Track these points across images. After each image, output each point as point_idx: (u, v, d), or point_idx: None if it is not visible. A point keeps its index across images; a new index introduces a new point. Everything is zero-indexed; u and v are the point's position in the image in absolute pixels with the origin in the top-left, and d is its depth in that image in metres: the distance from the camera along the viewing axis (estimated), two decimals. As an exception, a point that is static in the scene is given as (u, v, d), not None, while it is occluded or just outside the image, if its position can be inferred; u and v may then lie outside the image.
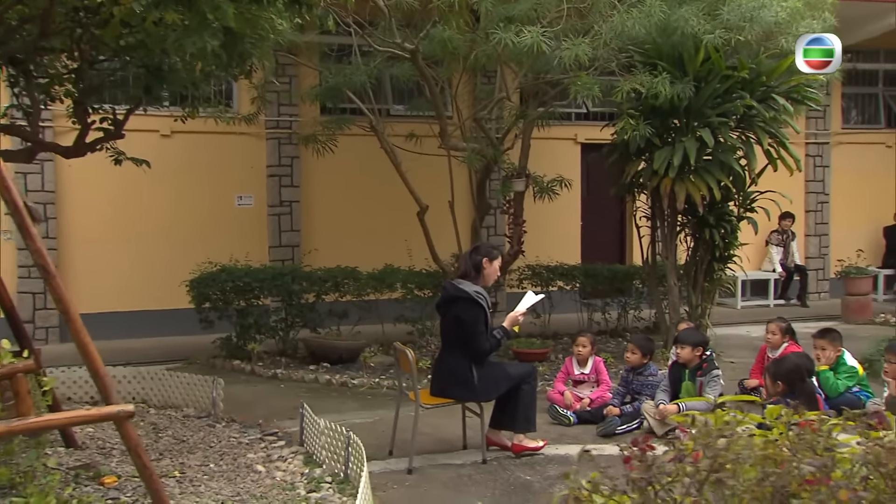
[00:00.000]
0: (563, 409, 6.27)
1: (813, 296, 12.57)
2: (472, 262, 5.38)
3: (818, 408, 4.86)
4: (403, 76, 8.01)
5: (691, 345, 5.97)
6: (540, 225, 10.74)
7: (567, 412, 6.23)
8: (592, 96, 6.93)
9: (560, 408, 6.28)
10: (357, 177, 10.27)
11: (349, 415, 6.57)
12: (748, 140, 7.81)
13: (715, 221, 7.99)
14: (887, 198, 12.64)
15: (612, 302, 9.71)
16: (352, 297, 8.82)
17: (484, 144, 8.25)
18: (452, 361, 5.26)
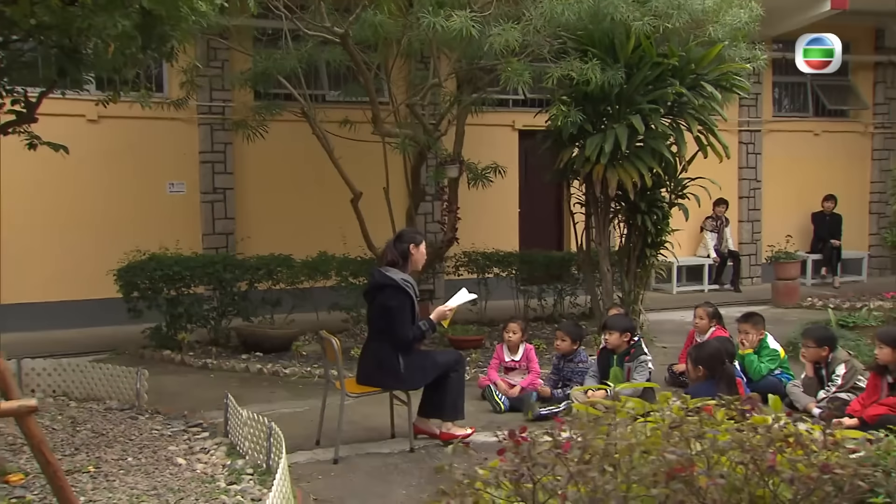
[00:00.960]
0: (499, 393, 6.27)
1: (746, 281, 12.84)
2: (399, 251, 5.33)
3: (738, 391, 4.96)
4: (335, 61, 7.88)
5: (619, 331, 6.02)
6: (478, 212, 10.75)
7: (502, 397, 6.23)
8: (527, 83, 6.92)
9: (497, 391, 6.27)
10: (292, 163, 10.12)
11: (279, 404, 6.49)
12: (678, 127, 7.90)
13: (647, 208, 8.08)
14: (816, 185, 12.96)
15: (549, 288, 9.77)
16: (285, 285, 8.71)
17: (418, 131, 8.19)
18: (379, 350, 5.22)
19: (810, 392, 6.10)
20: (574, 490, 1.67)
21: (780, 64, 13.00)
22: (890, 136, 13.54)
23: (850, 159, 13.44)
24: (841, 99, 13.47)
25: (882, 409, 5.27)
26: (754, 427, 1.83)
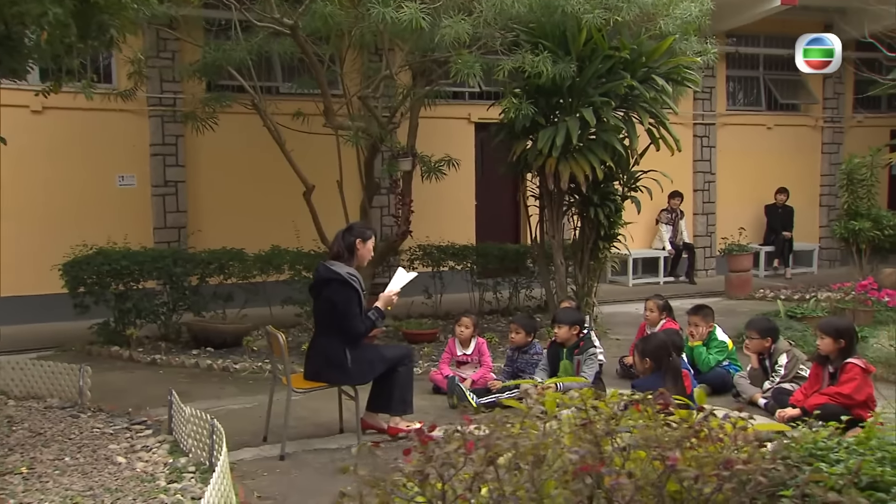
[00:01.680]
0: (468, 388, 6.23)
1: (701, 273, 12.99)
2: (346, 243, 5.29)
3: (684, 384, 4.99)
4: (287, 53, 7.78)
5: (568, 324, 6.04)
6: (434, 205, 10.72)
7: (469, 392, 6.18)
8: (478, 75, 6.89)
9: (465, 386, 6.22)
10: (245, 156, 9.98)
11: (228, 400, 6.41)
12: (630, 120, 7.94)
13: (599, 200, 8.11)
14: (769, 177, 13.14)
15: (504, 281, 9.78)
16: (237, 280, 8.60)
17: (371, 123, 8.12)
18: (326, 344, 5.17)
19: (756, 383, 6.18)
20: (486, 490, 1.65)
21: (733, 58, 13.17)
22: (839, 131, 13.78)
23: (801, 153, 13.66)
24: (792, 93, 13.67)
25: (823, 398, 5.35)
26: (669, 423, 1.83)
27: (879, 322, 8.60)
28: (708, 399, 6.25)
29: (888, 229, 11.12)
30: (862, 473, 1.76)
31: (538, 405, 2.10)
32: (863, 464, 1.78)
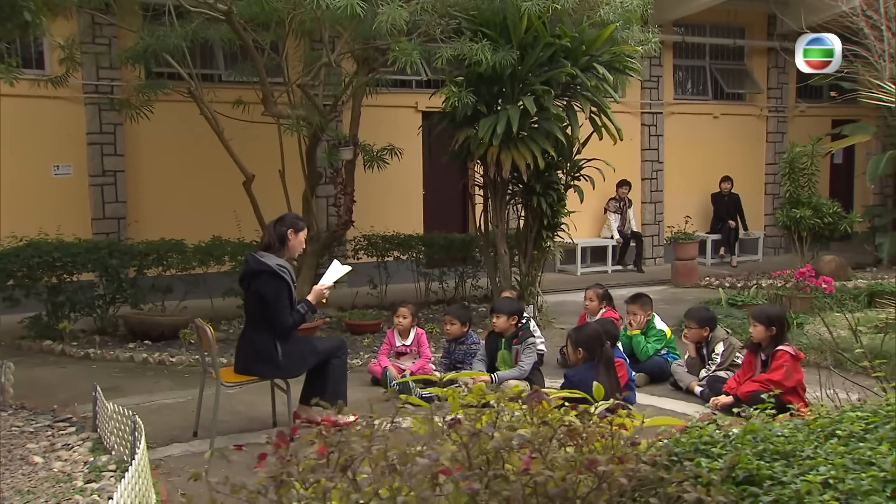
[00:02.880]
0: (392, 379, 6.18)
1: (649, 261, 13.09)
2: (277, 234, 5.19)
3: (616, 374, 5.00)
4: (224, 40, 7.60)
5: (506, 314, 6.01)
6: (381, 194, 10.64)
7: (393, 383, 6.14)
8: (421, 63, 6.82)
9: (391, 377, 6.18)
10: (187, 145, 9.77)
11: (161, 395, 6.28)
12: (572, 108, 7.93)
13: (542, 190, 8.09)
14: (716, 166, 13.28)
15: (450, 271, 9.74)
16: (177, 271, 8.43)
17: (312, 112, 8.00)
18: (256, 337, 5.08)
19: (693, 371, 6.23)
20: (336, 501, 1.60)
21: (680, 47, 13.25)
22: (782, 120, 13.98)
23: (747, 141, 13.83)
24: (738, 83, 13.83)
25: (755, 385, 5.41)
26: (544, 422, 1.79)
27: (817, 308, 8.74)
28: (646, 388, 6.35)
29: (828, 217, 11.32)
30: (738, 468, 1.74)
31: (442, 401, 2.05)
32: (739, 458, 1.76)
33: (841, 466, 1.71)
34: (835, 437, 1.95)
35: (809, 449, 1.85)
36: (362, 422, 2.05)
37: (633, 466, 1.51)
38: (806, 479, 1.63)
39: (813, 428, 2.04)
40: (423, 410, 2.22)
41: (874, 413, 2.10)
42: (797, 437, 1.92)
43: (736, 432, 1.98)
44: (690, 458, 1.82)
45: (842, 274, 10.88)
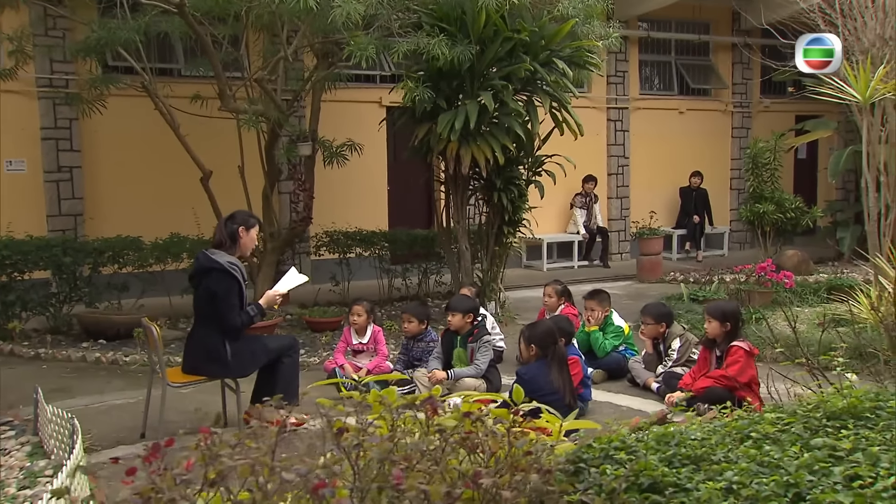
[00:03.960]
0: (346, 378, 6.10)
1: (615, 256, 13.11)
2: (228, 231, 5.09)
3: (569, 372, 4.96)
4: (176, 33, 7.45)
5: (461, 312, 5.96)
6: (345, 190, 10.55)
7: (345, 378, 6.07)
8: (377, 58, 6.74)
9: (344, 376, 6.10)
10: (146, 140, 9.58)
11: (112, 395, 6.16)
12: (532, 103, 7.88)
13: (503, 185, 8.05)
14: (682, 161, 13.31)
15: (413, 268, 9.67)
16: (133, 269, 8.29)
17: (269, 107, 7.89)
18: (205, 336, 4.99)
19: (651, 367, 6.22)
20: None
21: (645, 42, 13.26)
22: (747, 115, 14.05)
23: (712, 137, 13.88)
24: (703, 78, 13.88)
25: (708, 381, 5.40)
26: (441, 430, 1.73)
27: (778, 303, 8.79)
28: (604, 384, 6.33)
29: (790, 212, 11.39)
30: (643, 474, 1.69)
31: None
32: (644, 464, 1.71)
33: (747, 471, 1.68)
34: (749, 440, 1.92)
35: (721, 453, 1.81)
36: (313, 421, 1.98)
37: (521, 478, 1.45)
38: (706, 485, 1.59)
39: (728, 430, 2.00)
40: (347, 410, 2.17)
41: (792, 413, 2.07)
42: (710, 441, 1.88)
43: (651, 437, 1.94)
44: (597, 465, 1.77)
45: (803, 268, 10.96)
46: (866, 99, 5.61)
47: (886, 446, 1.83)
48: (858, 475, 1.66)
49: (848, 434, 1.94)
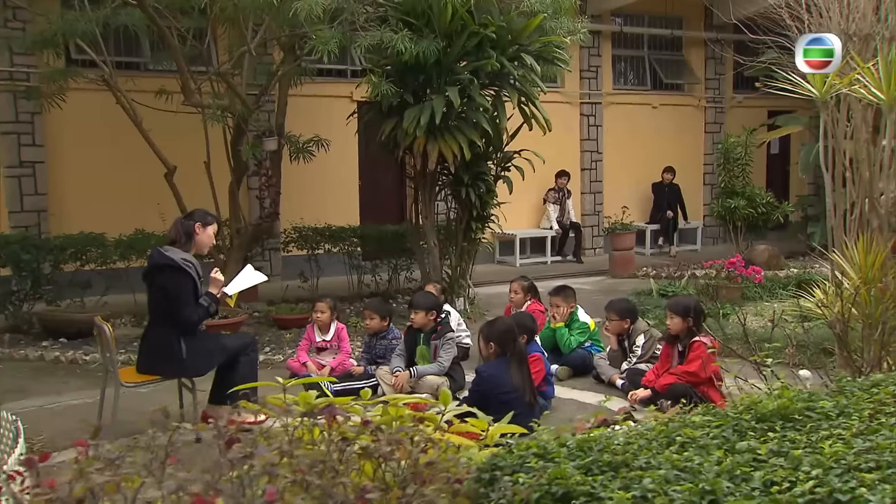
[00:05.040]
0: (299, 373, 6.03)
1: (589, 251, 13.09)
2: (184, 228, 5.01)
3: (529, 369, 4.92)
4: (137, 25, 7.31)
5: (424, 309, 5.90)
6: (315, 186, 10.45)
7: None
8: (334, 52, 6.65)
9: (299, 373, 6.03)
10: (111, 135, 9.38)
11: (69, 395, 6.04)
12: (500, 98, 7.83)
13: (471, 181, 8.00)
14: (655, 156, 13.30)
15: (383, 264, 9.59)
16: (96, 266, 8.16)
17: (235, 101, 7.78)
18: (160, 335, 4.90)
19: (615, 364, 6.19)
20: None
21: (618, 37, 13.24)
22: (720, 110, 14.07)
23: (686, 132, 13.89)
24: (676, 73, 13.88)
25: (671, 377, 5.38)
26: (344, 439, 1.67)
27: (747, 298, 8.81)
28: (569, 381, 6.30)
29: (761, 207, 11.43)
30: (556, 483, 1.64)
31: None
32: (557, 472, 1.65)
33: (664, 478, 1.62)
34: (675, 444, 1.87)
35: (644, 458, 1.76)
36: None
37: (413, 491, 1.39)
38: (618, 494, 1.54)
39: (655, 434, 1.95)
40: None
41: (723, 416, 2.02)
42: (633, 446, 1.83)
43: (575, 442, 1.88)
44: (511, 473, 1.71)
45: (774, 263, 11.00)
46: (823, 94, 5.60)
47: (811, 448, 1.79)
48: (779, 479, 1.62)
49: (775, 437, 1.90)
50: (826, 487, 1.56)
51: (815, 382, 3.82)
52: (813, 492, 1.55)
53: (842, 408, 2.11)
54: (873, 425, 1.96)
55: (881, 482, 1.59)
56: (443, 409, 2.07)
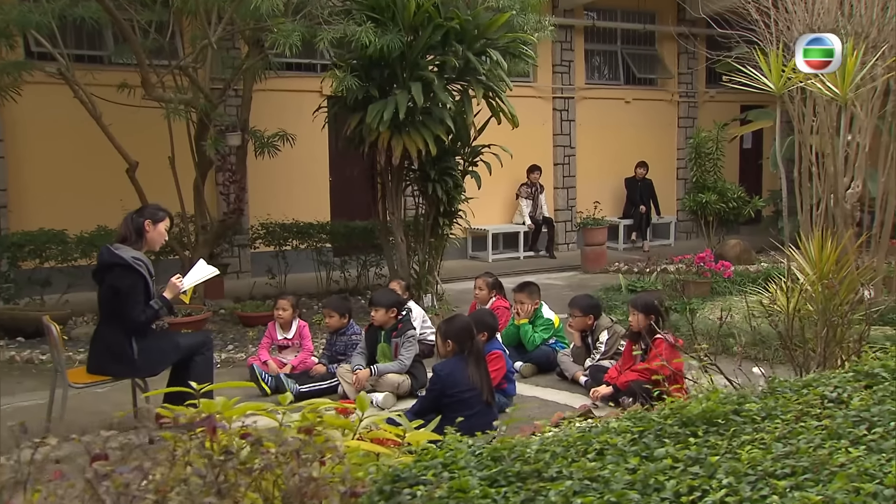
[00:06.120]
0: (264, 373, 5.93)
1: (562, 247, 13.06)
2: (134, 225, 4.91)
3: (487, 367, 4.85)
4: (92, 17, 7.16)
5: (384, 307, 5.82)
6: (285, 182, 10.35)
7: (266, 376, 5.90)
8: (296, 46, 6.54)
9: (261, 372, 5.92)
10: (72, 130, 9.21)
11: (22, 396, 5.92)
12: (466, 93, 7.76)
13: (437, 176, 7.92)
14: (628, 151, 13.28)
15: (351, 260, 9.51)
16: (57, 263, 8.01)
17: (198, 96, 7.65)
18: (110, 335, 4.79)
19: (579, 360, 6.15)
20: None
21: (591, 31, 13.20)
22: (693, 105, 14.08)
23: (658, 127, 13.88)
24: (649, 68, 13.86)
25: (634, 375, 5.34)
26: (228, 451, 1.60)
27: (717, 293, 8.80)
28: (533, 378, 6.25)
29: (732, 202, 11.43)
30: (456, 496, 1.56)
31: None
32: (457, 484, 1.58)
33: (570, 491, 1.56)
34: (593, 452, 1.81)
35: (557, 468, 1.69)
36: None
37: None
38: (514, 508, 1.48)
39: (572, 441, 1.89)
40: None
41: (647, 421, 1.96)
42: (547, 454, 1.76)
43: (483, 450, 1.81)
44: (414, 485, 1.64)
45: (745, 258, 11.01)
46: (779, 88, 5.59)
47: (731, 454, 1.74)
48: (692, 488, 1.56)
49: (696, 442, 1.84)
50: (737, 496, 1.51)
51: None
52: (724, 501, 1.50)
53: (769, 410, 2.06)
54: (797, 428, 1.91)
55: (794, 489, 1.54)
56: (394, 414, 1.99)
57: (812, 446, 1.76)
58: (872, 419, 1.94)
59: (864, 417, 1.95)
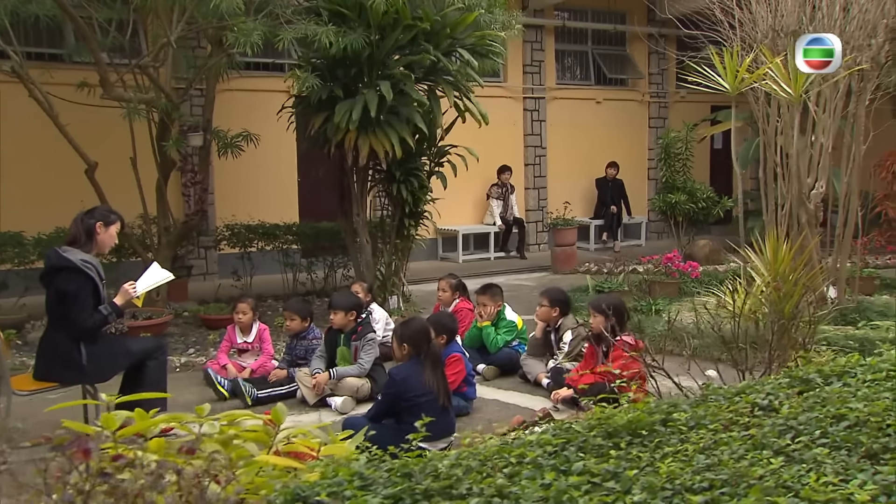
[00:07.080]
0: (219, 376, 5.83)
1: (533, 247, 13.04)
2: (84, 227, 4.77)
3: (443, 371, 4.79)
4: (47, 15, 7.02)
5: (344, 309, 5.75)
6: (252, 182, 10.24)
7: (223, 380, 5.80)
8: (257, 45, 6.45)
9: (217, 376, 5.82)
10: (30, 130, 9.05)
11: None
12: (435, 93, 7.70)
13: (403, 177, 7.85)
14: (599, 151, 13.29)
15: (318, 261, 9.41)
16: (14, 266, 7.85)
17: (159, 95, 7.53)
18: (58, 340, 4.66)
19: (536, 353, 6.10)
20: None
21: (561, 31, 13.18)
22: (664, 105, 14.11)
23: (629, 127, 13.90)
24: (620, 68, 13.87)
25: (593, 377, 5.31)
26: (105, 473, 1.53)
27: (684, 293, 8.80)
28: (496, 380, 6.20)
29: (702, 202, 11.46)
30: None
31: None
32: (352, 503, 1.52)
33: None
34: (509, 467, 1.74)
35: (468, 484, 1.63)
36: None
37: None
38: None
39: (488, 455, 1.83)
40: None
41: (571, 432, 1.91)
42: (460, 469, 1.69)
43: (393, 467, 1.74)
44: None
45: (714, 258, 11.04)
46: (734, 88, 5.60)
47: (651, 467, 1.69)
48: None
49: (617, 455, 1.79)
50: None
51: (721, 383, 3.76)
52: (635, 518, 1.45)
53: (698, 419, 2.01)
54: (723, 438, 1.86)
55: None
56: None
57: (735, 457, 1.71)
58: (799, 427, 1.90)
59: (791, 426, 1.91)
